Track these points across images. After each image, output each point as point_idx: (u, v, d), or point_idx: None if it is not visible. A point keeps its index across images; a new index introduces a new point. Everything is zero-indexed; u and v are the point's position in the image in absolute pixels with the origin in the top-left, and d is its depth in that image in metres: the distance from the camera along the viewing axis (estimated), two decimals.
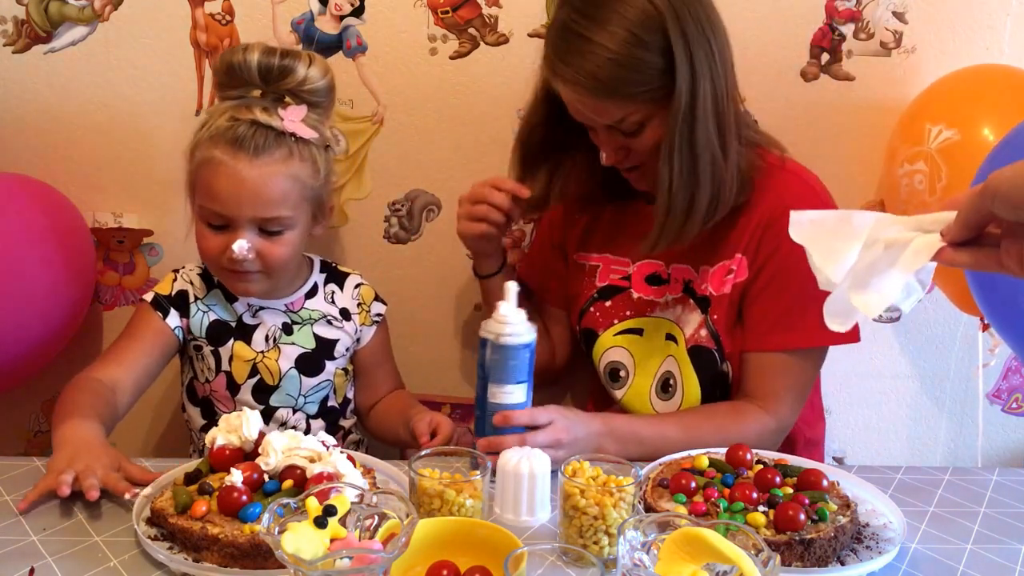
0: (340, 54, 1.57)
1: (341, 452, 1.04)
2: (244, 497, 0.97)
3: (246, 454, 1.08)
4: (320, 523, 0.76)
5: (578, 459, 1.03)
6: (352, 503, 0.80)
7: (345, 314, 1.45)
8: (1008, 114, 1.40)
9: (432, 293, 1.68)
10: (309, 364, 1.40)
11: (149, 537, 0.97)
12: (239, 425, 1.08)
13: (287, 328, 1.40)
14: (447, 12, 1.56)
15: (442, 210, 1.65)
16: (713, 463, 1.11)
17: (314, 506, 0.77)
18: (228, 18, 1.55)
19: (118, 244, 1.64)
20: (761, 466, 1.10)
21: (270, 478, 1.03)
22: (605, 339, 1.43)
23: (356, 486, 0.89)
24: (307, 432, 1.39)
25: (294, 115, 1.29)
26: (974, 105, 1.46)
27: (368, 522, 0.79)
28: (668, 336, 1.39)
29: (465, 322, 1.69)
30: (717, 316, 1.34)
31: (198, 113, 1.58)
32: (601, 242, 1.46)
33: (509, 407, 1.16)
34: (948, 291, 1.58)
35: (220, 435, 1.09)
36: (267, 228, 1.29)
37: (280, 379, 1.39)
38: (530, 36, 1.57)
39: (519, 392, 1.16)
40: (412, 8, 1.56)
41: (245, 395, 1.39)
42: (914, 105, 1.55)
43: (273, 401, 1.39)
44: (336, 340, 1.43)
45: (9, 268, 1.37)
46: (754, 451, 1.14)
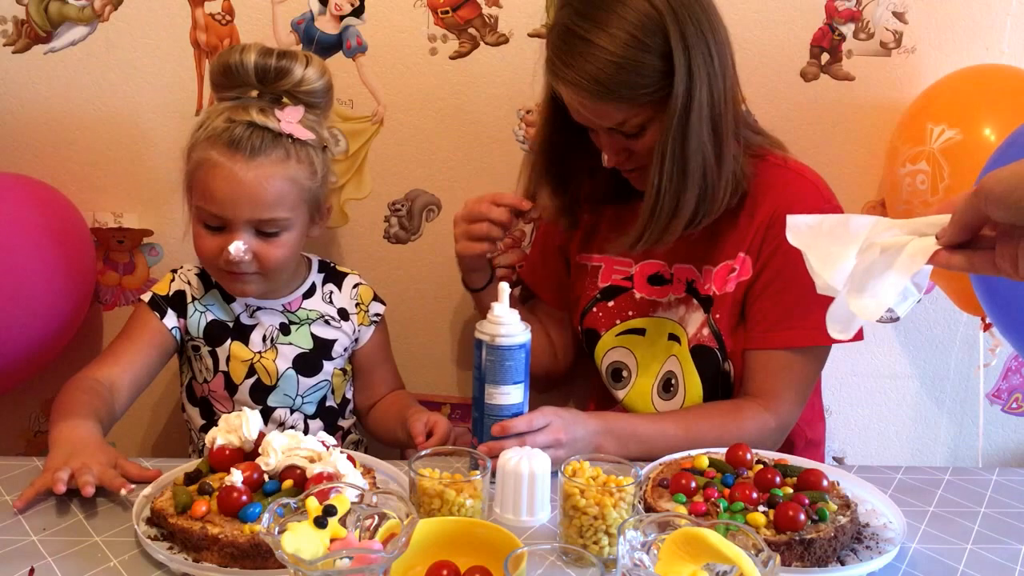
0: (340, 54, 1.57)
1: (341, 452, 1.04)
2: (244, 497, 0.97)
3: (246, 454, 1.08)
4: (320, 523, 0.76)
5: (578, 459, 1.03)
6: (352, 503, 0.80)
7: (343, 314, 1.45)
8: (1010, 114, 1.40)
9: (432, 293, 1.68)
10: (306, 364, 1.40)
11: (149, 537, 0.97)
12: (239, 425, 1.08)
13: (284, 328, 1.40)
14: (447, 12, 1.56)
15: (442, 210, 1.65)
16: (713, 463, 1.11)
17: (314, 506, 0.77)
18: (228, 18, 1.55)
19: (118, 244, 1.64)
20: (761, 466, 1.10)
21: (270, 478, 1.03)
22: (607, 339, 1.43)
23: (356, 486, 0.89)
24: (305, 433, 1.40)
25: (291, 116, 1.29)
26: (976, 105, 1.46)
27: (368, 522, 0.79)
28: (671, 336, 1.39)
29: (465, 322, 1.69)
30: (720, 315, 1.34)
31: (198, 113, 1.58)
32: (603, 243, 1.46)
33: (506, 408, 1.16)
34: (949, 291, 1.58)
35: (220, 435, 1.09)
36: (264, 229, 1.29)
37: (278, 379, 1.39)
38: (530, 36, 1.57)
39: (516, 393, 1.16)
40: (412, 8, 1.56)
41: (243, 395, 1.39)
42: (916, 105, 1.55)
43: (271, 401, 1.39)
44: (334, 340, 1.43)
45: (9, 268, 1.37)
46: (754, 451, 1.14)
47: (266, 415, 1.39)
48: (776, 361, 1.32)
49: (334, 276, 1.47)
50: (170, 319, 1.38)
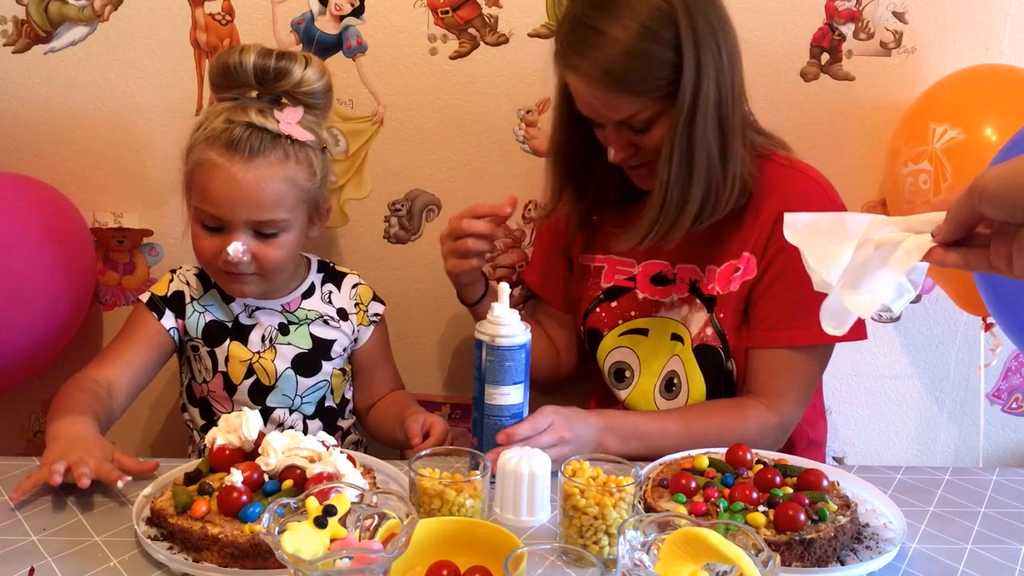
0: (340, 54, 1.57)
1: (341, 452, 1.04)
2: (244, 497, 0.97)
3: (246, 454, 1.08)
4: (320, 523, 0.76)
5: (578, 459, 1.03)
6: (352, 503, 0.80)
7: (342, 314, 1.45)
8: (1013, 114, 1.40)
9: (432, 293, 1.68)
10: (305, 364, 1.40)
11: (149, 537, 0.97)
12: (239, 425, 1.08)
13: (283, 328, 1.40)
14: (447, 12, 1.56)
15: (442, 210, 1.65)
16: (713, 463, 1.11)
17: (314, 506, 0.77)
18: (228, 18, 1.55)
19: (118, 244, 1.64)
20: (761, 466, 1.10)
21: (270, 478, 1.03)
22: (610, 339, 1.43)
23: (356, 486, 0.89)
24: (304, 433, 1.40)
25: (290, 117, 1.29)
26: (979, 105, 1.46)
27: (368, 522, 0.79)
28: (674, 336, 1.39)
29: (465, 322, 1.69)
30: (724, 314, 1.34)
31: (198, 113, 1.58)
32: (606, 244, 1.46)
33: (506, 408, 1.16)
34: (949, 291, 1.58)
35: (220, 435, 1.09)
36: (262, 230, 1.29)
37: (276, 379, 1.39)
38: (530, 36, 1.57)
39: (516, 393, 1.16)
40: (412, 8, 1.56)
41: (242, 395, 1.39)
42: (918, 104, 1.55)
43: (270, 401, 1.39)
44: (333, 340, 1.43)
45: (9, 268, 1.37)
46: (754, 451, 1.14)
47: (265, 415, 1.39)
48: (779, 360, 1.32)
49: (333, 276, 1.47)
50: (168, 320, 1.38)
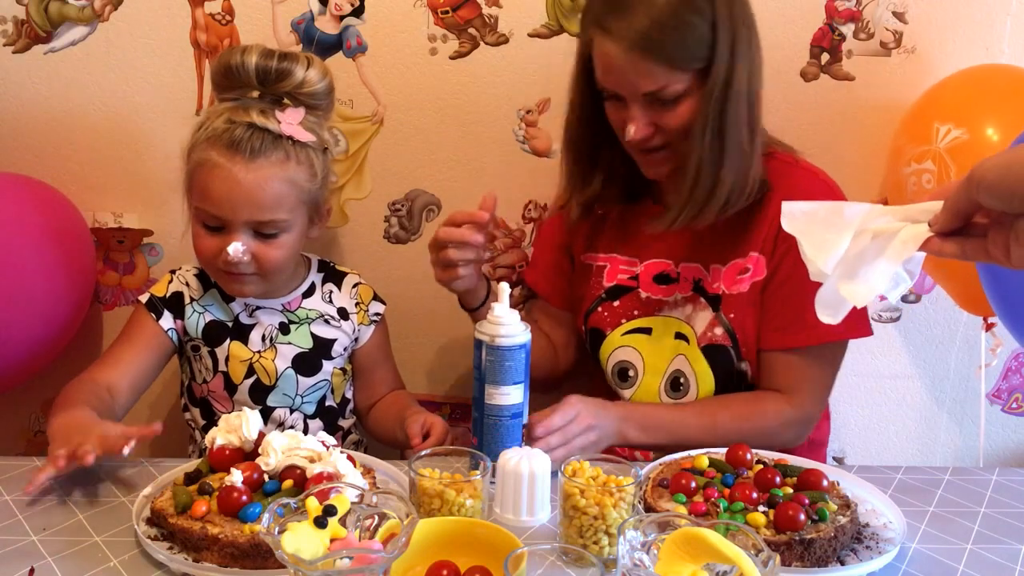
0: (340, 54, 1.57)
1: (341, 452, 1.04)
2: (244, 497, 0.97)
3: (246, 454, 1.08)
4: (320, 523, 0.76)
5: (578, 459, 1.03)
6: (352, 503, 0.80)
7: (343, 313, 1.45)
8: (1017, 114, 1.41)
9: (432, 293, 1.66)
10: (306, 364, 1.40)
11: (149, 537, 0.97)
12: (239, 425, 1.08)
13: (284, 328, 1.40)
14: (447, 12, 1.56)
15: (442, 210, 1.65)
16: (713, 463, 1.11)
17: (314, 506, 0.77)
18: (228, 18, 1.55)
19: (118, 244, 1.64)
20: (761, 466, 1.10)
21: (270, 478, 1.03)
22: (613, 339, 1.43)
23: (356, 486, 0.89)
24: (305, 432, 1.40)
25: (292, 118, 1.29)
26: (983, 105, 1.46)
27: (368, 522, 0.79)
28: (678, 335, 1.38)
29: (465, 322, 1.69)
30: (735, 314, 1.34)
31: (198, 113, 1.58)
32: (608, 242, 1.46)
33: (506, 408, 1.16)
34: (950, 290, 1.58)
35: (220, 435, 1.09)
36: (262, 231, 1.29)
37: (277, 379, 1.39)
38: (530, 36, 1.57)
39: (516, 393, 1.16)
40: (412, 8, 1.56)
41: (242, 395, 1.39)
42: (921, 104, 1.55)
43: (270, 401, 1.39)
44: (334, 340, 1.43)
45: (9, 268, 1.37)
46: (754, 451, 1.14)
47: (266, 415, 1.39)
48: (795, 359, 1.32)
49: (334, 276, 1.47)
50: (166, 320, 1.38)
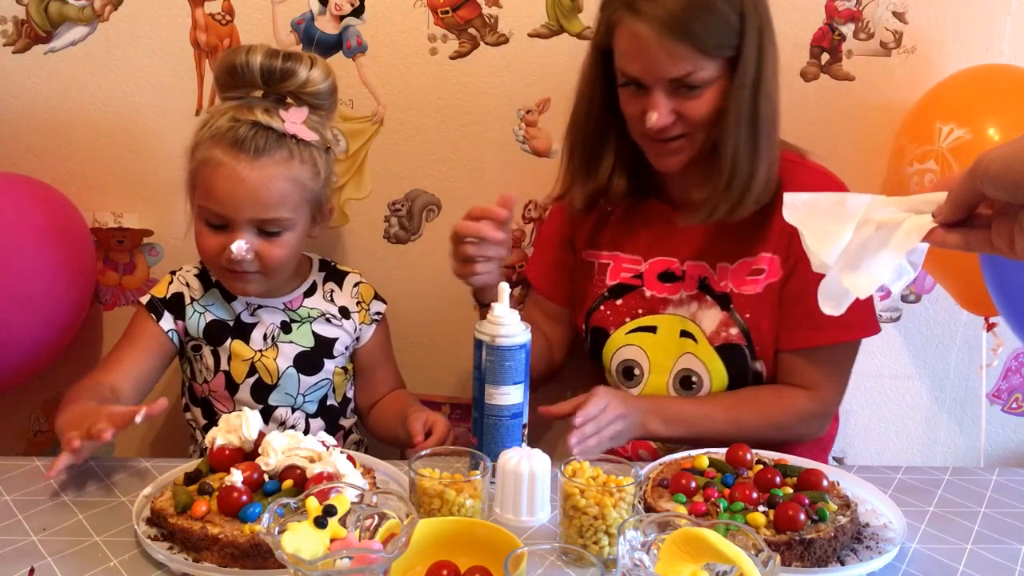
0: (340, 54, 1.57)
1: (341, 452, 1.04)
2: (244, 497, 0.97)
3: (246, 454, 1.08)
4: (320, 523, 0.76)
5: (578, 459, 1.03)
6: (352, 503, 0.80)
7: (344, 312, 1.45)
8: (1020, 114, 1.40)
9: (432, 293, 1.68)
10: (308, 363, 1.40)
11: (149, 537, 0.97)
12: (239, 425, 1.08)
13: (285, 327, 1.40)
14: (447, 12, 1.56)
15: (442, 210, 1.65)
16: (713, 463, 1.11)
17: (314, 506, 0.77)
18: (228, 18, 1.55)
19: (118, 244, 1.64)
20: (761, 466, 1.10)
21: (270, 478, 1.03)
22: (617, 338, 1.42)
23: (356, 486, 0.89)
24: (307, 432, 1.40)
25: (295, 117, 1.30)
26: (985, 104, 1.45)
27: (368, 522, 0.79)
28: (684, 333, 1.38)
29: (465, 322, 1.68)
30: (750, 315, 1.34)
31: (198, 113, 1.58)
32: (612, 240, 1.45)
33: (506, 408, 1.16)
34: (951, 289, 1.58)
35: (220, 435, 1.09)
36: (266, 229, 1.29)
37: (278, 378, 1.39)
38: (530, 36, 1.57)
39: (516, 393, 1.16)
40: (412, 8, 1.56)
41: (244, 394, 1.39)
42: (923, 104, 1.54)
43: (272, 400, 1.39)
44: (335, 339, 1.43)
45: (9, 268, 1.37)
46: (754, 451, 1.14)
47: (267, 414, 1.39)
48: (814, 357, 1.33)
49: (335, 275, 1.47)
50: (166, 322, 1.38)
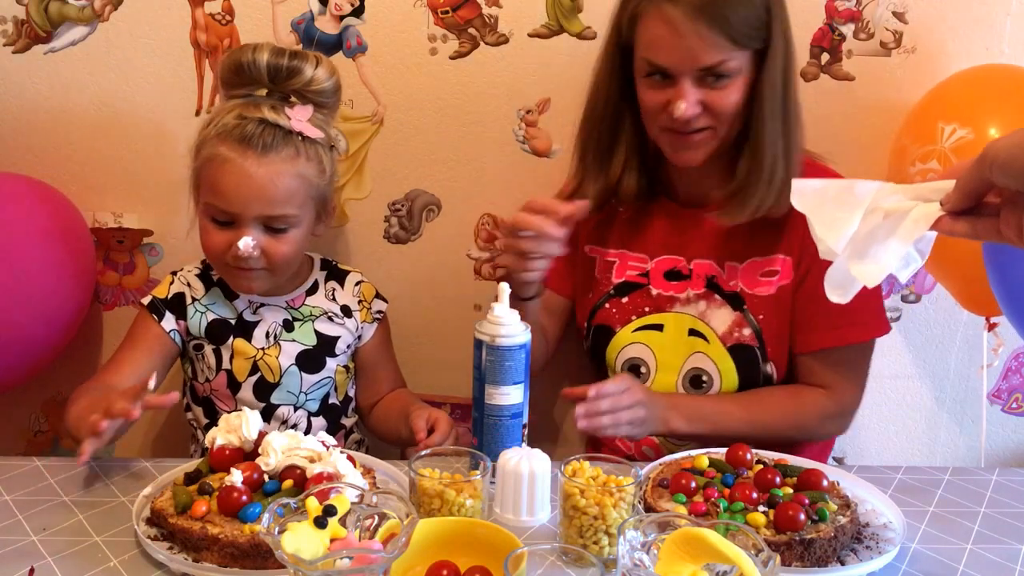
0: (340, 54, 1.57)
1: (341, 452, 1.04)
2: (244, 497, 0.97)
3: (246, 454, 1.08)
4: (320, 523, 0.76)
5: (578, 459, 1.03)
6: (352, 503, 0.80)
7: (346, 311, 1.45)
8: (1022, 114, 1.40)
9: (432, 293, 1.68)
10: (310, 361, 1.41)
11: (149, 537, 0.97)
12: (239, 425, 1.08)
13: (288, 325, 1.40)
14: (447, 12, 1.56)
15: (442, 210, 1.65)
16: (713, 463, 1.11)
17: (314, 506, 0.77)
18: (228, 18, 1.55)
19: (118, 244, 1.64)
20: (761, 466, 1.10)
21: (270, 478, 1.03)
22: (623, 336, 1.42)
23: (356, 486, 0.89)
24: (308, 430, 1.40)
25: (301, 115, 1.31)
26: (988, 104, 1.45)
27: (368, 522, 0.79)
28: (692, 332, 1.38)
29: (465, 322, 1.68)
30: (763, 316, 1.34)
31: (198, 113, 1.58)
32: (618, 238, 1.44)
33: (506, 408, 1.16)
34: (952, 289, 1.58)
35: (220, 435, 1.09)
36: (272, 226, 1.30)
37: (281, 376, 1.39)
38: (530, 36, 1.57)
39: (516, 393, 1.16)
40: (412, 8, 1.56)
41: (246, 393, 1.39)
42: (925, 103, 1.54)
43: (274, 399, 1.39)
44: (337, 337, 1.43)
45: (9, 268, 1.38)
46: (754, 452, 1.14)
47: (269, 413, 1.39)
48: (830, 359, 1.34)
49: (336, 274, 1.48)
50: (168, 322, 1.38)
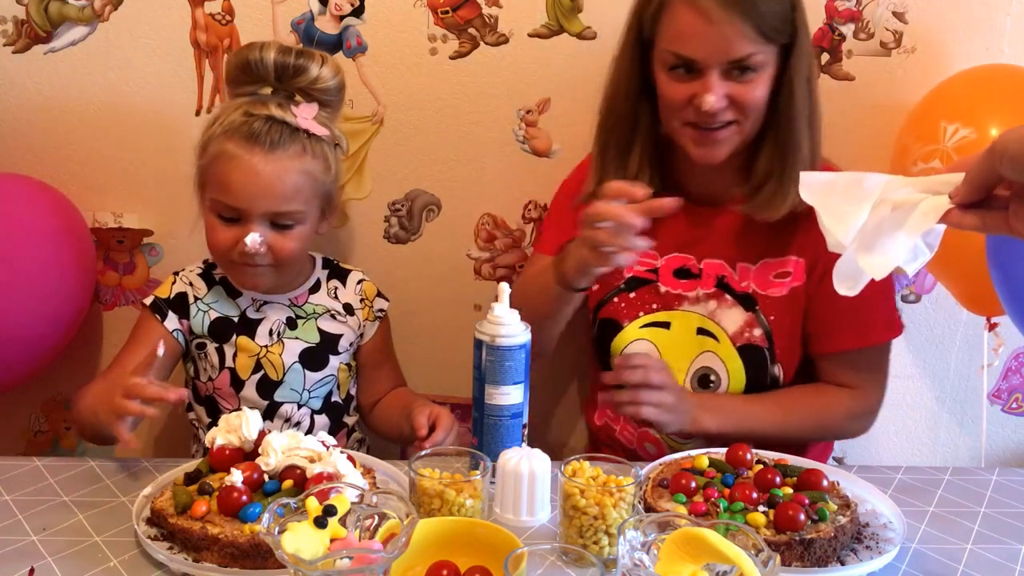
0: (340, 54, 1.57)
1: (341, 452, 1.05)
2: (244, 497, 0.97)
3: (246, 454, 1.08)
4: (320, 523, 0.76)
5: (578, 459, 1.03)
6: (352, 503, 0.80)
7: (348, 309, 1.45)
8: None
9: (432, 293, 1.68)
10: (313, 358, 1.41)
11: (149, 537, 0.97)
12: (239, 425, 1.09)
13: (291, 323, 1.41)
14: (447, 12, 1.56)
15: (442, 210, 1.65)
16: (713, 463, 1.11)
17: (314, 506, 0.77)
18: (228, 18, 1.55)
19: (118, 244, 1.64)
20: (761, 466, 1.10)
21: (270, 478, 1.03)
22: (630, 331, 1.40)
23: (356, 486, 0.89)
24: (311, 427, 1.40)
25: (307, 112, 1.32)
26: (990, 104, 1.45)
27: (368, 522, 0.79)
28: (700, 331, 1.37)
29: (465, 322, 1.68)
30: (775, 317, 1.34)
31: (198, 113, 1.58)
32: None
33: (506, 408, 1.16)
34: (952, 289, 1.58)
35: (220, 435, 1.09)
36: (279, 222, 1.30)
37: (284, 374, 1.39)
38: (530, 36, 1.57)
39: (516, 393, 1.16)
40: (412, 8, 1.56)
41: (249, 391, 1.39)
42: (926, 103, 1.54)
43: (278, 396, 1.39)
44: (340, 335, 1.43)
45: (9, 268, 1.38)
46: (754, 452, 1.14)
47: (273, 411, 1.39)
48: (851, 360, 1.34)
49: (338, 272, 1.48)
50: (171, 321, 1.38)
